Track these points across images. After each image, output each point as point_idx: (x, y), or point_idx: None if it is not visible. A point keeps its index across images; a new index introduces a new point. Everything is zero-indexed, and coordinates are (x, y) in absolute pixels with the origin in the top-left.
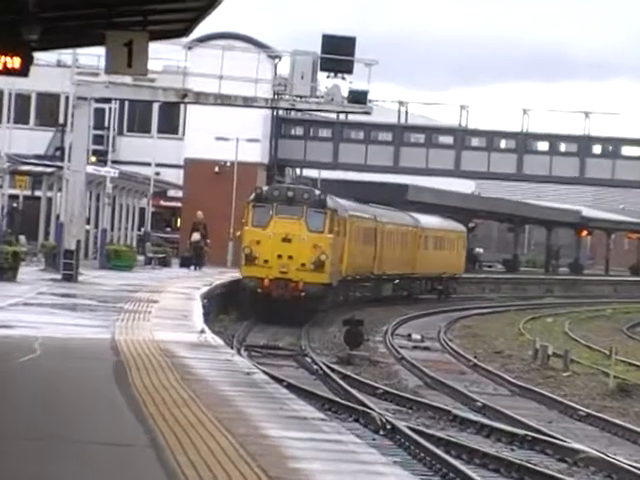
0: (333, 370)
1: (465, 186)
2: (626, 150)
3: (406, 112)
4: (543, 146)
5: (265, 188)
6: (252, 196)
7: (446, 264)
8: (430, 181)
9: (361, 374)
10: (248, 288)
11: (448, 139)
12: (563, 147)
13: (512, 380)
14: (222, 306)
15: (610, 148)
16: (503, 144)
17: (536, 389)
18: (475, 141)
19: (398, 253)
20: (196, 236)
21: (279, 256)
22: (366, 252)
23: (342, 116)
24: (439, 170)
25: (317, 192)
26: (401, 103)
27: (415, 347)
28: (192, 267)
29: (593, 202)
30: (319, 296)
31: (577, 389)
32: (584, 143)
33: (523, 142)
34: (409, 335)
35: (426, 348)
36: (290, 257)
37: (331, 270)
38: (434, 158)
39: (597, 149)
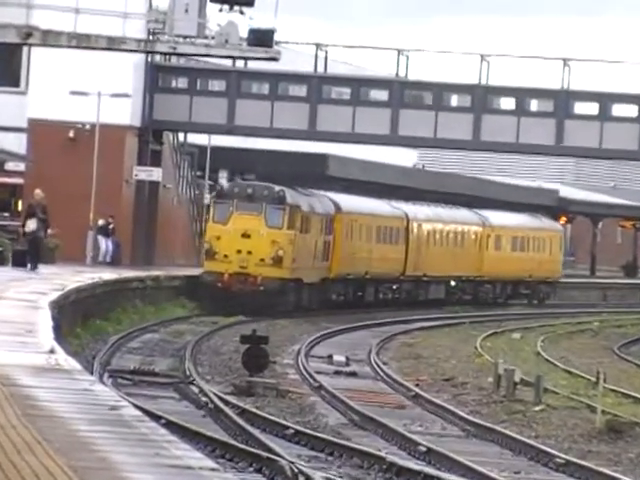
0: (227, 403)
1: (405, 157)
2: (618, 109)
3: (326, 58)
4: (508, 104)
5: (226, 185)
6: (214, 193)
7: (533, 267)
8: (358, 150)
9: (265, 408)
10: (208, 282)
11: (382, 94)
12: (535, 105)
13: (467, 416)
14: (80, 317)
15: (597, 107)
16: (455, 101)
17: (498, 428)
18: (418, 97)
19: (451, 253)
20: (32, 224)
21: (238, 251)
22: (386, 251)
23: (240, 63)
24: (370, 136)
25: (277, 188)
26: (319, 46)
27: (337, 372)
28: (28, 265)
29: (574, 179)
30: (278, 291)
31: (553, 428)
32: (562, 100)
33: (481, 98)
34: (330, 356)
35: (352, 374)
36: (249, 252)
37: (293, 266)
38: (363, 120)
39: (580, 108)
